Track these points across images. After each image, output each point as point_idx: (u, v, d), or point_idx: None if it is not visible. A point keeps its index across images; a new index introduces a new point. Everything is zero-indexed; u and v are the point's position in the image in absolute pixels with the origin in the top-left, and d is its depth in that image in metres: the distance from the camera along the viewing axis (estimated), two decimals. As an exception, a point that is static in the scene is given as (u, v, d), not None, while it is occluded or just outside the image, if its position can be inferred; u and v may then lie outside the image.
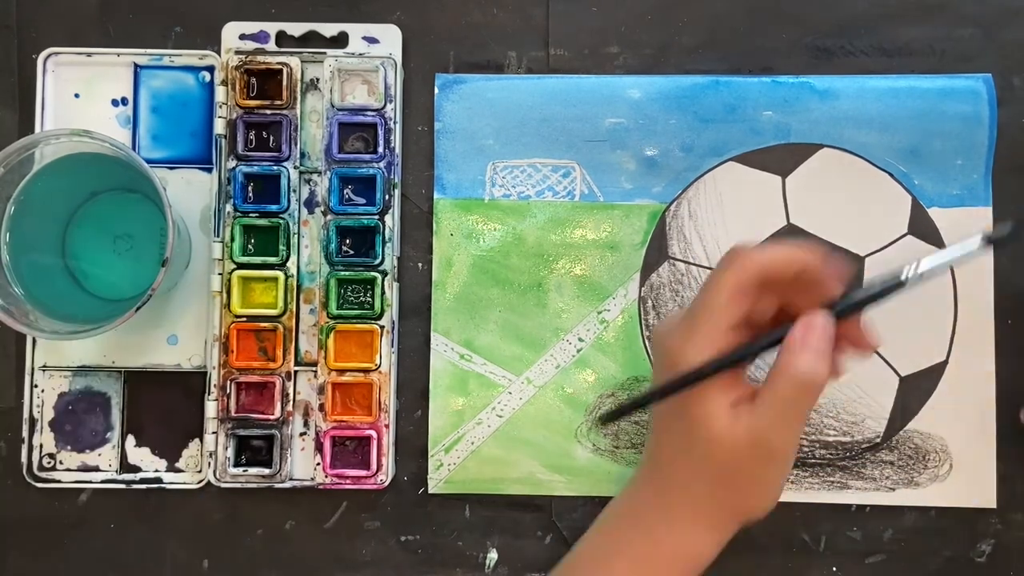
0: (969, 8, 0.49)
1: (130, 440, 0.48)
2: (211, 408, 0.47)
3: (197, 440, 0.48)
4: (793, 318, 0.37)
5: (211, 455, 0.47)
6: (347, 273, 0.47)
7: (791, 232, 0.48)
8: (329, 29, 0.49)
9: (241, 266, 0.47)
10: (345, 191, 0.48)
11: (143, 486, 0.48)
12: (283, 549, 0.48)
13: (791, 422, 0.37)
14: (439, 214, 0.49)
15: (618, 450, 0.48)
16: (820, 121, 0.48)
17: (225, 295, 0.47)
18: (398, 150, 0.48)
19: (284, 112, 0.48)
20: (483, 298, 0.48)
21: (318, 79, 0.49)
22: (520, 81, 0.49)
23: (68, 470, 0.48)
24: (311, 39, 0.49)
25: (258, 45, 0.49)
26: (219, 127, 0.48)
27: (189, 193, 0.49)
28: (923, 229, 0.48)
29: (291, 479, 0.48)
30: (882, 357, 0.48)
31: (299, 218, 0.48)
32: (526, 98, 0.49)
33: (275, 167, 0.48)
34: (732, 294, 0.37)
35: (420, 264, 0.49)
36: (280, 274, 0.47)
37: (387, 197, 0.48)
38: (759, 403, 0.36)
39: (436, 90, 0.49)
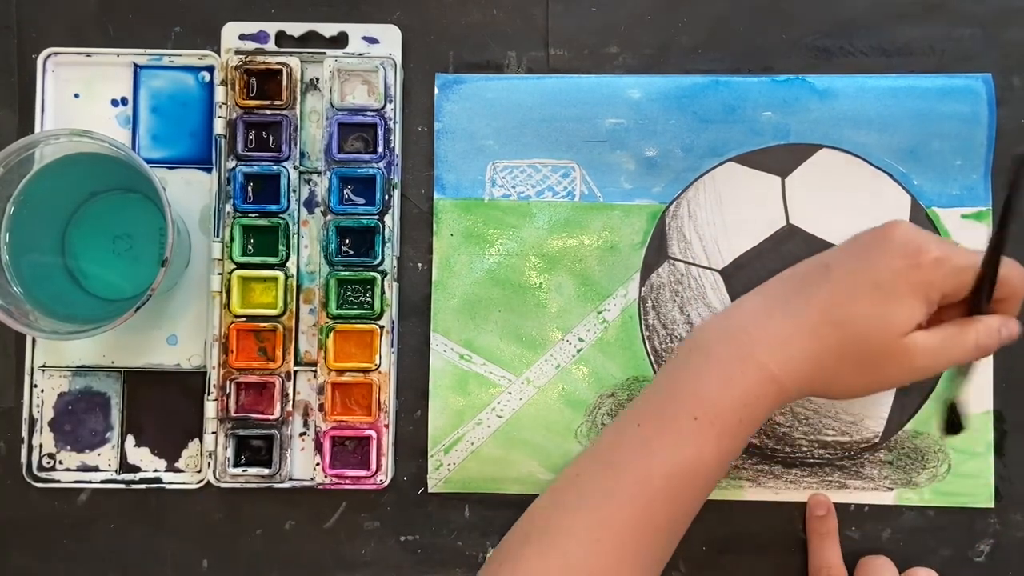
0: (969, 8, 0.49)
1: (130, 440, 0.48)
2: (211, 408, 0.47)
3: (197, 440, 0.48)
4: None
5: (211, 455, 0.47)
6: (347, 273, 0.47)
7: (791, 233, 0.48)
8: (329, 29, 0.49)
9: (241, 266, 0.47)
10: (345, 191, 0.48)
11: (143, 486, 0.48)
12: (283, 549, 0.48)
13: (947, 362, 0.41)
14: (439, 214, 0.49)
15: (618, 450, 0.48)
16: (819, 121, 0.48)
17: (225, 295, 0.47)
18: (398, 150, 0.48)
19: (284, 112, 0.48)
20: (483, 298, 0.48)
21: (318, 79, 0.49)
22: (520, 81, 0.49)
23: (68, 470, 0.48)
24: (311, 39, 0.49)
25: (258, 45, 0.49)
26: (219, 127, 0.48)
27: (189, 193, 0.49)
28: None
29: (291, 479, 0.48)
30: (881, 357, 0.48)
31: (299, 218, 0.48)
32: (526, 98, 0.49)
33: (275, 167, 0.48)
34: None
35: (420, 264, 0.49)
36: (280, 274, 0.47)
37: (387, 197, 0.48)
38: (941, 332, 0.40)
39: (436, 90, 0.49)
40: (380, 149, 0.48)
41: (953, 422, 0.46)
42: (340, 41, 0.49)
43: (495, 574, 0.40)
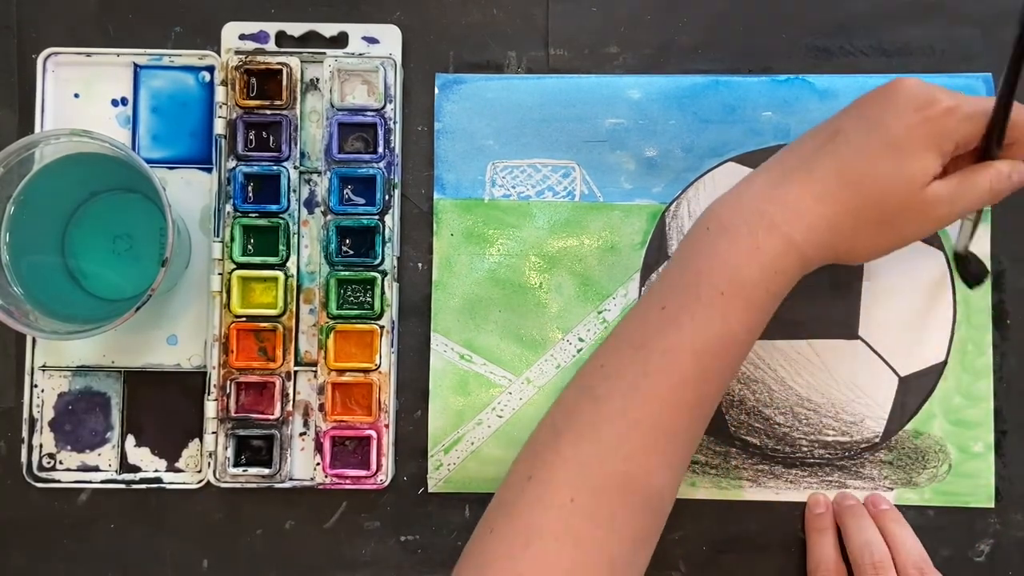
0: (969, 8, 0.49)
1: (130, 440, 0.48)
2: (211, 408, 0.47)
3: (197, 440, 0.48)
4: None
5: (211, 455, 0.47)
6: (347, 273, 0.47)
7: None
8: (329, 29, 0.49)
9: (241, 266, 0.47)
10: (345, 191, 0.48)
11: (143, 486, 0.48)
12: (283, 549, 0.48)
13: (963, 210, 0.41)
14: (439, 214, 0.49)
15: (618, 450, 0.48)
16: (819, 121, 0.48)
17: (225, 295, 0.47)
18: (398, 150, 0.48)
19: (284, 112, 0.48)
20: (483, 298, 0.48)
21: (318, 79, 0.49)
22: (520, 81, 0.49)
23: (68, 470, 0.48)
24: (311, 39, 0.49)
25: (258, 45, 0.49)
26: (219, 127, 0.48)
27: (189, 193, 0.49)
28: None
29: (291, 479, 0.48)
30: (881, 357, 0.48)
31: (299, 218, 0.48)
32: (526, 98, 0.49)
33: (275, 167, 0.48)
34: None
35: (420, 264, 0.49)
36: (280, 274, 0.47)
37: (387, 197, 0.48)
38: (955, 180, 0.41)
39: (436, 90, 0.49)
40: (380, 149, 0.48)
41: (973, 271, 0.47)
42: (340, 41, 0.49)
43: (532, 467, 0.39)
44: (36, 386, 0.48)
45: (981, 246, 0.48)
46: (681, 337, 0.39)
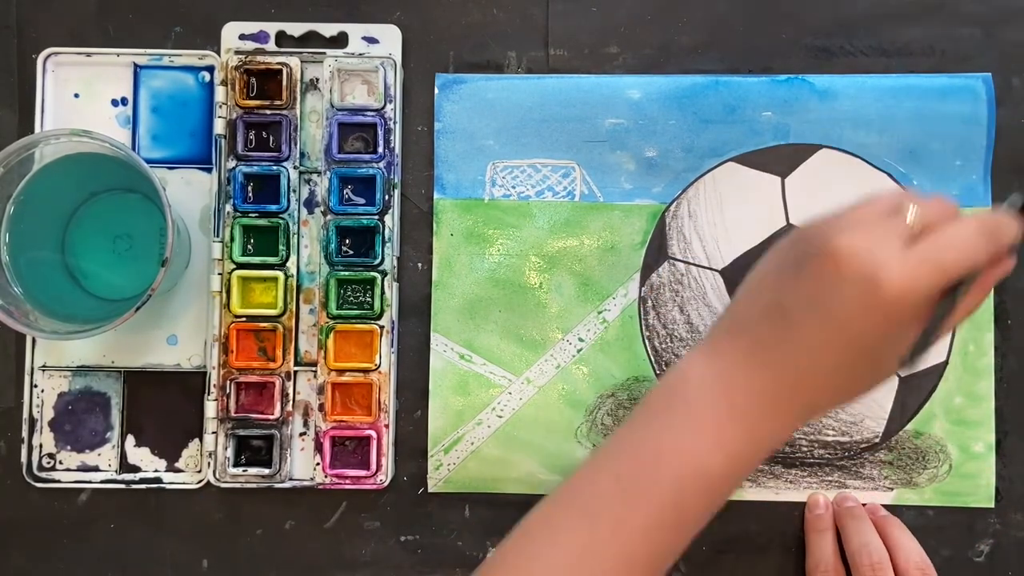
0: (969, 8, 0.49)
1: (130, 440, 0.48)
2: (211, 408, 0.47)
3: (197, 440, 0.48)
4: None
5: (211, 455, 0.47)
6: (347, 273, 0.47)
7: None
8: (329, 29, 0.49)
9: (241, 266, 0.47)
10: (345, 191, 0.48)
11: (143, 486, 0.48)
12: (283, 549, 0.48)
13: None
14: (439, 214, 0.49)
15: (618, 450, 0.48)
16: (819, 121, 0.48)
17: (225, 295, 0.47)
18: (398, 150, 0.48)
19: (284, 112, 0.48)
20: (483, 298, 0.48)
21: (318, 79, 0.49)
22: (520, 81, 0.49)
23: (68, 470, 0.48)
24: (311, 39, 0.49)
25: (258, 45, 0.49)
26: (219, 127, 0.48)
27: (189, 193, 0.49)
28: (922, 229, 0.48)
29: (291, 479, 0.48)
30: (881, 357, 0.48)
31: (299, 218, 0.48)
32: (526, 98, 0.49)
33: (275, 167, 0.48)
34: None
35: (420, 264, 0.49)
36: (280, 274, 0.47)
37: (387, 197, 0.48)
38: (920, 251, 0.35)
39: (436, 90, 0.49)
40: (380, 149, 0.48)
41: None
42: (340, 41, 0.49)
43: None
44: (36, 386, 0.48)
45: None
46: (634, 515, 0.37)
